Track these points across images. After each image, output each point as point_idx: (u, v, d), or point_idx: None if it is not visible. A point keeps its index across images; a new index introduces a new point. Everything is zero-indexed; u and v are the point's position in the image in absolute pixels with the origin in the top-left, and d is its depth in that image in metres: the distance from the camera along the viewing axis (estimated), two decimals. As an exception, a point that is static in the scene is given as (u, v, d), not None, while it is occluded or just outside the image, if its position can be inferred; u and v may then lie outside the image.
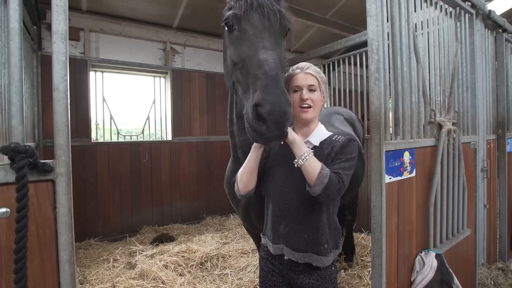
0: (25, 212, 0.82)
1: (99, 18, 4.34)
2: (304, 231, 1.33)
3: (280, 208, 1.37)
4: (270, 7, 1.34)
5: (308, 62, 1.47)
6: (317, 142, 1.39)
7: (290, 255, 1.34)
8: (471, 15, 2.79)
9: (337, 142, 1.37)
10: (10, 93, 0.87)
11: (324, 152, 1.36)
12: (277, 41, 1.36)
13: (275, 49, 1.28)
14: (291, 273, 1.36)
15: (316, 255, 1.32)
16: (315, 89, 1.37)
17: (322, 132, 1.43)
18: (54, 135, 0.92)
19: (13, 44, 0.87)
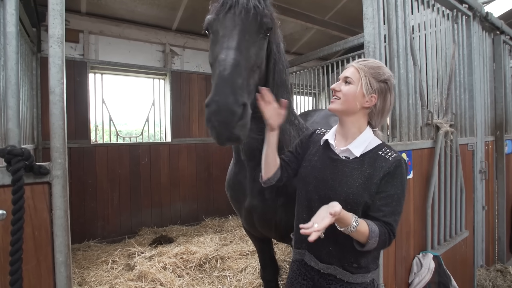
0: (21, 214, 0.83)
1: (99, 20, 4.35)
2: (329, 244, 1.21)
3: (307, 213, 1.28)
4: (245, 5, 1.29)
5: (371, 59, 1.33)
6: (358, 152, 1.22)
7: (313, 263, 1.25)
8: (468, 17, 2.80)
9: (386, 162, 1.17)
10: (6, 96, 0.87)
11: (366, 171, 1.18)
12: (251, 39, 1.29)
13: (243, 48, 1.22)
14: (322, 280, 1.25)
15: (342, 269, 1.20)
16: (351, 82, 1.23)
17: (367, 141, 1.23)
18: (50, 138, 0.93)
19: (10, 48, 0.88)
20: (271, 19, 1.37)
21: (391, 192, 1.14)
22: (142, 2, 4.24)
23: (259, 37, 1.33)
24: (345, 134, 1.28)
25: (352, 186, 1.17)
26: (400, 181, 1.15)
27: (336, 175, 1.23)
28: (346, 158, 1.24)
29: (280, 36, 1.64)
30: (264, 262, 2.26)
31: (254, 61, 1.29)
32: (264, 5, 1.35)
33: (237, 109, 1.07)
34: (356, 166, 1.20)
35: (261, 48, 1.35)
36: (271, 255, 2.27)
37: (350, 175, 1.19)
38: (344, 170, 1.22)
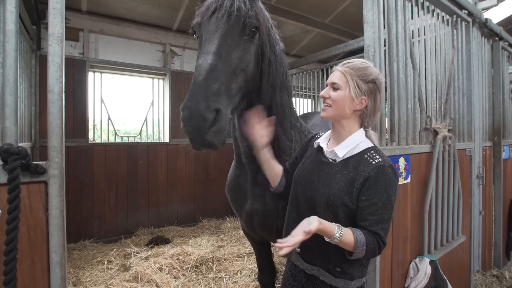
0: (17, 213, 0.82)
1: (99, 19, 4.35)
2: (313, 243, 1.19)
3: (296, 213, 1.31)
4: (228, 7, 1.27)
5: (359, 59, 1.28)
6: (341, 154, 1.22)
7: (298, 262, 1.28)
8: (467, 23, 2.82)
9: (368, 166, 1.14)
10: (4, 94, 0.87)
11: (349, 174, 1.17)
12: (234, 43, 1.26)
13: (223, 52, 1.20)
14: (309, 283, 1.28)
15: (325, 271, 1.21)
16: (339, 87, 1.20)
17: (355, 143, 1.22)
18: (47, 136, 0.92)
19: (9, 45, 0.87)
20: (258, 20, 1.33)
21: (375, 200, 1.11)
22: (143, 2, 4.24)
23: (243, 40, 1.31)
24: (338, 138, 1.28)
25: (334, 188, 1.18)
26: (384, 187, 1.11)
27: (321, 176, 1.25)
28: (333, 161, 1.25)
29: (276, 37, 1.60)
30: (262, 265, 2.26)
31: (236, 65, 1.26)
32: (249, 6, 1.32)
33: (208, 115, 1.07)
34: (340, 169, 1.20)
35: (246, 51, 1.32)
36: (269, 258, 2.26)
37: (334, 177, 1.20)
38: (328, 172, 1.23)
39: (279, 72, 1.58)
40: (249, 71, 1.36)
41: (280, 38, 1.67)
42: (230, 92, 1.23)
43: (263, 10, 1.46)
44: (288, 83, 1.69)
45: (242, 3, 1.29)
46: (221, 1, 1.29)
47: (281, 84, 1.62)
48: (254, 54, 1.38)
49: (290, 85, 1.71)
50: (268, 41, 1.47)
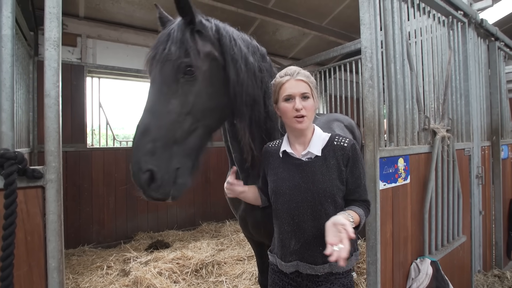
0: (13, 219, 0.81)
1: (97, 24, 4.36)
2: (318, 243, 1.24)
3: (289, 223, 1.29)
4: (159, 54, 1.24)
5: (296, 67, 1.34)
6: (318, 151, 1.30)
7: (309, 270, 1.26)
8: (463, 23, 2.84)
9: (344, 150, 1.29)
10: (1, 99, 0.86)
11: (330, 163, 1.28)
12: (171, 91, 1.22)
13: (157, 107, 1.19)
14: (311, 284, 1.29)
15: (336, 263, 1.20)
16: (309, 96, 1.27)
17: (321, 137, 1.33)
18: (44, 141, 0.92)
19: (5, 50, 0.87)
20: (192, 56, 1.24)
21: (357, 173, 1.29)
22: (141, 7, 4.25)
23: (180, 83, 1.24)
24: (303, 141, 1.34)
25: (325, 181, 1.26)
26: (359, 161, 1.31)
27: (306, 177, 1.28)
28: (309, 159, 1.30)
29: (245, 50, 1.45)
30: (262, 267, 2.25)
31: (178, 112, 1.21)
32: (182, 42, 1.25)
33: (142, 176, 1.11)
34: (321, 162, 1.28)
35: (188, 92, 1.26)
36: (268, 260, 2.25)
37: (320, 172, 1.27)
38: (312, 170, 1.28)
39: (249, 86, 1.46)
40: (199, 109, 1.29)
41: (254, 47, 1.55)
42: (176, 143, 1.21)
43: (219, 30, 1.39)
44: (263, 90, 1.56)
45: (173, 44, 1.23)
46: (157, 46, 1.26)
47: (264, 94, 1.54)
48: (203, 89, 1.31)
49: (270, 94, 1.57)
50: (231, 60, 1.38)
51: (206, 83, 1.31)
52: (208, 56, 1.33)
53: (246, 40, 1.54)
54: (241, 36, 1.52)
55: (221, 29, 1.40)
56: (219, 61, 1.36)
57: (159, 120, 1.16)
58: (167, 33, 1.27)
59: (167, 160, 1.17)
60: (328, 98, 5.26)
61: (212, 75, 1.34)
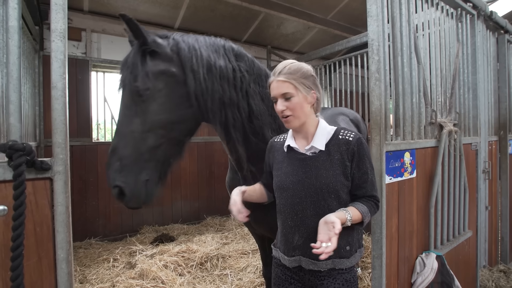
0: (22, 210, 0.82)
1: (101, 18, 4.36)
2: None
3: (293, 218, 1.29)
4: (120, 80, 1.38)
5: (288, 61, 1.31)
6: (322, 146, 1.27)
7: (311, 265, 1.25)
8: (472, 16, 2.78)
9: (349, 144, 1.25)
10: (8, 91, 0.87)
11: (334, 158, 1.25)
12: (132, 112, 1.33)
13: (122, 128, 1.31)
14: (313, 279, 1.28)
15: (339, 259, 1.25)
16: (292, 95, 1.23)
17: (325, 131, 1.30)
18: (52, 133, 0.92)
19: (12, 42, 0.87)
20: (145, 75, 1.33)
21: (363, 169, 1.25)
22: (145, 1, 4.24)
23: (137, 105, 1.33)
24: (306, 136, 1.32)
25: (329, 176, 1.23)
26: (366, 156, 1.27)
27: (310, 172, 1.27)
28: (313, 154, 1.29)
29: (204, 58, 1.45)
30: (266, 260, 2.26)
31: (140, 131, 1.31)
32: (133, 68, 1.34)
33: (113, 191, 1.27)
34: (325, 157, 1.26)
35: (145, 112, 1.33)
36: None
37: (323, 167, 1.25)
38: (315, 165, 1.26)
39: (225, 88, 1.49)
40: (159, 125, 1.35)
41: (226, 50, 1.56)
42: (142, 158, 1.31)
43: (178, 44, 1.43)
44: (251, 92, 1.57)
45: (126, 71, 1.35)
46: (120, 77, 1.40)
47: (246, 93, 1.55)
48: (161, 106, 1.37)
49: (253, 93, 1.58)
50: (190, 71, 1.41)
51: (162, 100, 1.36)
52: (162, 74, 1.37)
53: (214, 45, 1.54)
54: (208, 43, 1.53)
55: (179, 43, 1.43)
56: (178, 75, 1.40)
57: (124, 140, 1.29)
58: (124, 60, 1.40)
59: (135, 174, 1.28)
60: (333, 93, 5.23)
61: (170, 91, 1.38)
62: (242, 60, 1.60)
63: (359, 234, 1.34)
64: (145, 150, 1.31)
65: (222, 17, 4.82)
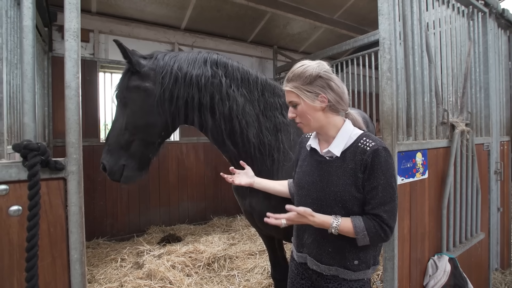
0: (37, 210, 0.82)
1: (108, 19, 4.38)
2: (328, 245, 1.23)
3: None
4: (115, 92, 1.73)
5: (296, 64, 1.29)
6: (338, 152, 1.22)
7: (315, 266, 1.25)
8: (484, 13, 2.73)
9: (364, 154, 1.16)
10: (23, 91, 0.86)
11: (348, 166, 1.18)
12: (119, 113, 1.71)
13: (113, 123, 1.73)
14: (320, 279, 1.28)
15: (343, 269, 1.21)
16: (296, 103, 1.24)
17: (346, 135, 1.24)
18: (65, 133, 0.92)
19: (26, 41, 0.87)
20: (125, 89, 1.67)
21: (374, 184, 1.14)
22: (152, 2, 4.25)
23: (122, 109, 1.70)
24: (327, 138, 1.30)
25: (338, 184, 1.19)
26: (381, 170, 1.14)
27: (323, 176, 1.24)
28: (330, 158, 1.25)
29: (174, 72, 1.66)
30: (274, 261, 2.25)
31: (119, 128, 1.68)
32: (120, 84, 1.70)
33: (101, 166, 1.72)
34: (339, 164, 1.21)
35: (123, 115, 1.69)
36: (281, 254, 2.26)
37: (335, 174, 1.21)
38: (329, 170, 1.23)
39: (194, 95, 1.68)
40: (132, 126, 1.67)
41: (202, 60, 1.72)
42: (122, 147, 1.67)
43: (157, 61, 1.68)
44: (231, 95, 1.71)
45: (117, 86, 1.72)
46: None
47: (220, 97, 1.69)
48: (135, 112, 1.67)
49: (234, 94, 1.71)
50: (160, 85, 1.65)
51: (134, 108, 1.66)
52: (136, 88, 1.66)
53: (192, 59, 1.72)
54: (189, 58, 1.71)
55: (158, 62, 1.68)
56: (151, 89, 1.65)
57: (113, 132, 1.69)
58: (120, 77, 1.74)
59: (116, 158, 1.66)
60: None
61: (141, 101, 1.66)
62: (221, 68, 1.74)
63: (376, 251, 1.26)
64: (123, 143, 1.66)
65: (228, 17, 4.82)
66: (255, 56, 5.87)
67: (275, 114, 1.81)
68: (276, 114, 1.82)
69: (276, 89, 1.88)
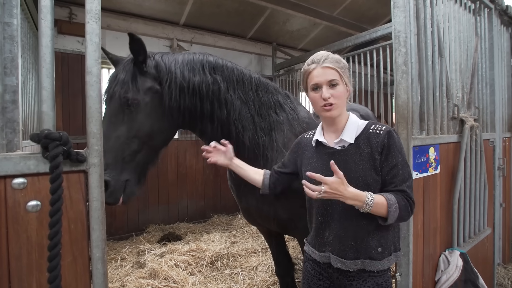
0: (59, 205, 0.75)
1: (106, 14, 4.26)
2: (350, 238, 1.21)
3: (323, 214, 1.27)
4: (108, 91, 1.49)
5: (325, 51, 1.30)
6: (352, 139, 1.24)
7: (339, 264, 1.21)
8: (490, 10, 2.74)
9: (378, 137, 1.20)
10: (41, 76, 0.79)
11: (364, 151, 1.20)
12: (118, 120, 1.45)
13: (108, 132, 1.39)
14: (342, 278, 1.24)
15: (369, 260, 1.19)
16: (337, 83, 1.22)
17: (355, 124, 1.27)
18: (86, 122, 0.85)
19: (45, 23, 0.80)
20: (133, 92, 1.46)
21: (393, 162, 1.18)
22: None
23: (125, 113, 1.45)
24: (336, 129, 1.30)
25: (358, 170, 1.19)
26: (397, 149, 1.19)
27: (339, 166, 1.20)
28: (342, 147, 1.26)
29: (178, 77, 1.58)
30: (277, 257, 2.24)
31: (125, 137, 1.43)
32: (124, 83, 1.46)
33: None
34: (354, 151, 1.22)
35: (133, 120, 1.47)
36: (283, 250, 2.25)
37: (352, 161, 1.21)
38: (344, 158, 1.23)
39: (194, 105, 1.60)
40: (144, 133, 1.48)
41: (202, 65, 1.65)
42: (125, 160, 1.43)
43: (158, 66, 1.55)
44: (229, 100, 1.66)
45: (118, 85, 1.46)
46: (108, 84, 1.52)
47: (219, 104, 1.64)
48: (147, 117, 1.50)
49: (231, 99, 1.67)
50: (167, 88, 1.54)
51: (148, 111, 1.50)
52: (150, 90, 1.52)
53: (191, 63, 1.63)
54: (186, 61, 1.63)
55: (159, 65, 1.56)
56: (160, 93, 1.54)
57: (110, 143, 1.38)
58: (114, 75, 1.52)
59: (118, 173, 1.40)
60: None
61: (154, 105, 1.52)
62: (219, 72, 1.68)
63: (395, 237, 1.26)
64: (127, 153, 1.43)
65: (227, 13, 4.75)
66: (254, 53, 5.81)
67: (269, 113, 1.79)
68: (270, 113, 1.79)
69: (270, 87, 1.85)
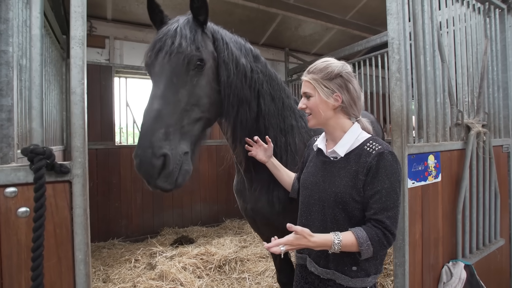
0: (42, 211, 0.85)
1: (123, 26, 4.51)
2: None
3: (306, 217, 1.30)
4: (169, 46, 1.26)
5: (318, 61, 1.31)
6: (342, 152, 1.22)
7: (313, 268, 1.25)
8: (502, 10, 2.63)
9: (368, 156, 1.14)
10: (31, 97, 0.90)
11: (352, 168, 1.17)
12: (180, 81, 1.26)
13: (169, 94, 1.21)
14: (321, 284, 1.26)
15: (340, 274, 1.19)
16: (310, 95, 1.25)
17: (353, 138, 1.24)
18: (71, 137, 0.95)
19: (34, 50, 0.91)
20: (201, 52, 1.31)
21: (377, 187, 1.11)
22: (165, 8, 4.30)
23: (189, 75, 1.29)
24: (333, 138, 1.30)
25: (340, 185, 1.18)
26: (385, 174, 1.11)
27: (325, 176, 1.25)
28: (334, 159, 1.26)
29: (237, 53, 1.52)
30: (280, 266, 2.24)
31: (186, 102, 1.26)
32: (191, 40, 1.29)
33: (155, 162, 1.11)
34: (343, 165, 1.21)
35: (196, 85, 1.31)
36: (285, 257, 2.24)
37: (338, 175, 1.21)
38: (332, 170, 1.24)
39: (244, 86, 1.52)
40: (204, 102, 1.34)
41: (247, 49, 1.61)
42: (183, 130, 1.24)
43: (214, 34, 1.46)
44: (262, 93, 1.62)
45: (183, 39, 1.27)
46: (164, 40, 1.28)
47: (258, 93, 1.60)
48: (207, 84, 1.37)
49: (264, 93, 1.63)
50: (223, 62, 1.43)
51: (210, 78, 1.38)
52: (212, 54, 1.40)
53: (238, 43, 1.59)
54: (234, 39, 1.57)
55: (215, 33, 1.47)
56: (215, 62, 1.43)
57: (171, 107, 1.20)
58: (173, 29, 1.31)
59: (177, 145, 1.20)
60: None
61: (213, 73, 1.40)
62: (258, 61, 1.66)
63: (377, 259, 1.21)
64: (187, 122, 1.25)
65: (240, 21, 4.86)
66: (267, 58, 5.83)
67: (289, 114, 1.80)
68: (289, 115, 1.80)
69: (287, 90, 1.87)
